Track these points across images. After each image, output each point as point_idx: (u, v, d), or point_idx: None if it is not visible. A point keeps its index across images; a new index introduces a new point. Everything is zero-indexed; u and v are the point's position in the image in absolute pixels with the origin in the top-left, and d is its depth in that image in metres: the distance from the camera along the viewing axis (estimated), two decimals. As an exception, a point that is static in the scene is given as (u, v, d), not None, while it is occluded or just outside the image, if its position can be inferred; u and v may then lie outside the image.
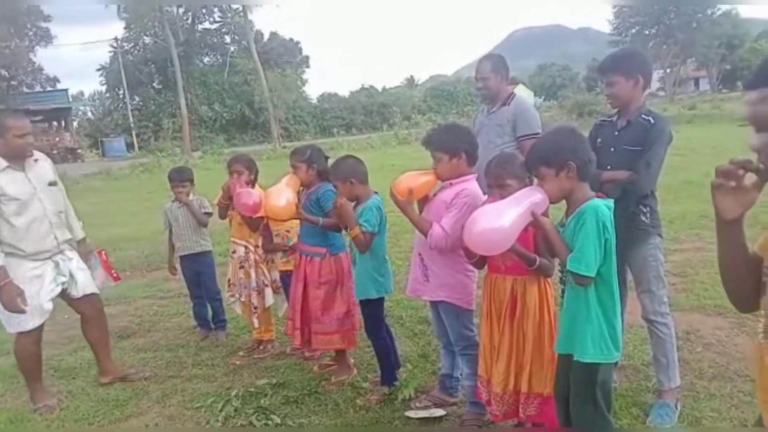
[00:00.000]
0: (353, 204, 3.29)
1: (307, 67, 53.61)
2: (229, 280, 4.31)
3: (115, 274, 4.03)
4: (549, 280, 2.58)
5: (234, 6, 43.20)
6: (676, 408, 2.93)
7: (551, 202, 2.20)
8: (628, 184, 2.77)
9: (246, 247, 4.15)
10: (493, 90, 3.85)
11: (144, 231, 9.67)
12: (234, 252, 4.23)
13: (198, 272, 4.65)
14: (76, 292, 3.64)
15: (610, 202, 2.20)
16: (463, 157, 2.84)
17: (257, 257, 4.16)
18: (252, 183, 4.13)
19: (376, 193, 3.35)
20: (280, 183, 3.51)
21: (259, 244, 4.18)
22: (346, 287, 3.54)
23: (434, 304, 3.09)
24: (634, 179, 2.78)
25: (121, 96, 42.79)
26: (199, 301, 4.73)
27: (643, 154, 2.80)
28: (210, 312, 4.72)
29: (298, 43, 53.00)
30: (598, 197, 2.20)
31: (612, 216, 2.17)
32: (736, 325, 3.97)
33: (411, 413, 3.11)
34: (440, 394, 3.25)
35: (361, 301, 3.41)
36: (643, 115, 2.88)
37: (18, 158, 3.38)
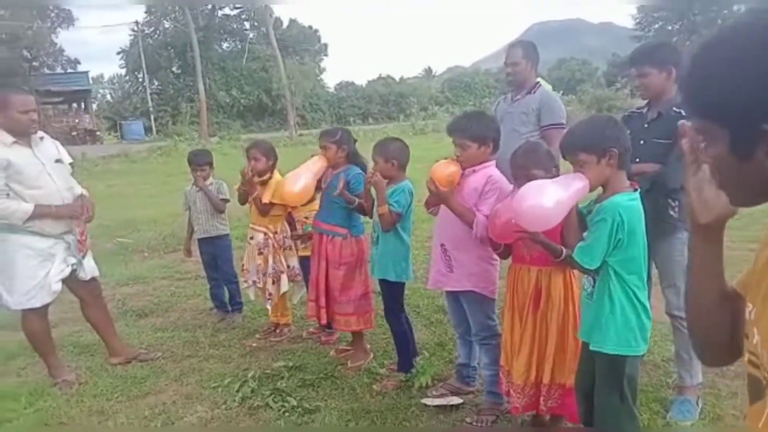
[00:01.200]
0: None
1: (326, 55, 53.43)
2: (242, 266, 4.32)
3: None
4: (574, 271, 2.55)
5: (255, -8, 43.17)
6: (698, 405, 2.90)
7: (589, 190, 2.18)
8: (658, 177, 2.72)
9: (265, 234, 4.16)
10: (522, 76, 3.81)
11: (162, 213, 9.75)
12: (252, 238, 4.24)
13: (215, 255, 4.67)
14: (84, 275, 3.65)
15: (636, 195, 2.18)
16: (490, 146, 2.83)
17: (276, 244, 4.16)
18: (270, 170, 4.14)
19: None
20: (301, 167, 3.50)
21: (278, 230, 4.19)
22: (365, 269, 3.56)
23: (454, 294, 3.06)
24: (663, 172, 2.73)
25: (140, 80, 42.93)
26: (215, 283, 4.75)
27: (674, 147, 2.74)
28: (227, 294, 4.75)
29: (316, 31, 52.79)
30: (633, 186, 2.17)
31: (641, 210, 2.15)
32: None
33: (428, 400, 3.11)
34: (457, 383, 3.24)
35: (381, 283, 3.40)
36: (674, 108, 2.82)
37: (23, 135, 3.37)
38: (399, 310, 3.44)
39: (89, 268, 3.67)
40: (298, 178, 3.42)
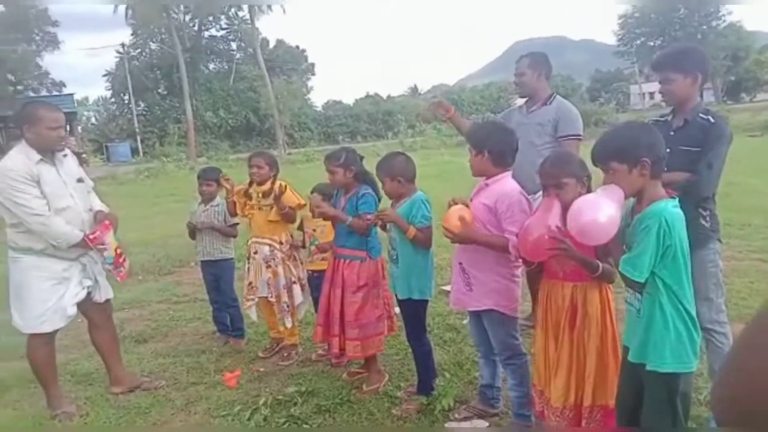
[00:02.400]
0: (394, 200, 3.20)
1: (313, 74, 53.64)
2: (249, 283, 4.13)
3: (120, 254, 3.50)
4: (610, 285, 2.43)
5: (240, 13, 43.37)
6: (735, 422, 2.77)
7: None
8: (689, 186, 2.62)
9: (270, 245, 4.03)
10: (528, 86, 3.76)
11: (153, 235, 9.56)
12: (256, 253, 4.09)
13: (218, 277, 4.50)
14: (99, 297, 3.52)
15: (676, 201, 2.08)
16: (486, 155, 2.74)
17: (283, 254, 4.04)
18: (272, 180, 4.05)
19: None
20: None
21: (283, 241, 4.08)
22: (382, 290, 3.43)
23: (476, 314, 2.94)
24: (694, 181, 2.64)
25: (126, 101, 42.78)
26: (217, 306, 4.57)
27: (703, 155, 2.66)
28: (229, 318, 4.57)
29: (303, 50, 53.03)
30: (669, 195, 2.07)
31: (683, 217, 2.05)
32: (781, 335, 3.81)
33: (452, 424, 2.96)
34: (481, 404, 3.10)
35: (403, 303, 3.26)
36: (700, 115, 2.74)
37: (48, 151, 3.26)
38: (422, 330, 3.31)
39: (104, 289, 3.53)
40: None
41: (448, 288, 4.72)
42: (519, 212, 2.63)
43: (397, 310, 3.78)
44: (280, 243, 4.07)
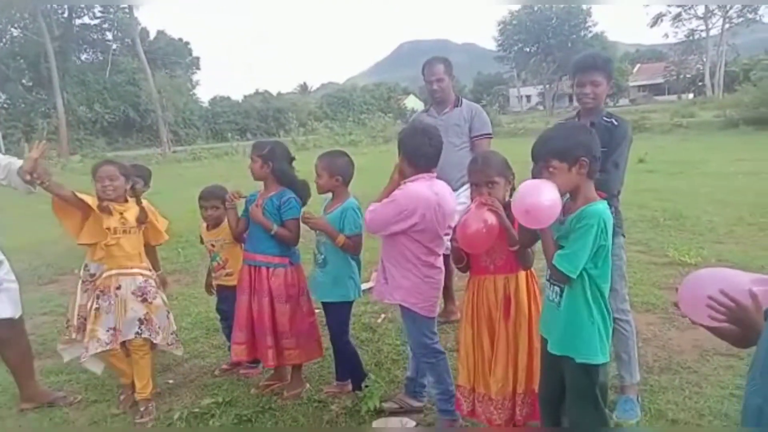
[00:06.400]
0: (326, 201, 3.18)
1: (198, 68, 51.46)
2: (115, 328, 3.19)
3: None
4: (535, 273, 2.55)
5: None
6: (638, 402, 3.02)
7: None
8: (598, 185, 2.80)
9: (143, 275, 3.25)
10: (446, 90, 3.85)
11: (25, 240, 8.68)
12: (119, 288, 3.18)
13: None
14: None
15: (606, 204, 2.20)
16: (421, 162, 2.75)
17: (156, 281, 3.37)
18: (132, 192, 3.37)
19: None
20: None
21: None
22: (307, 296, 3.36)
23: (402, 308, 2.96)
24: (603, 179, 2.82)
25: (-17, 93, 38.66)
26: None
27: (609, 155, 2.85)
28: None
29: (187, 43, 50.70)
30: (600, 197, 2.19)
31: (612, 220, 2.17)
32: (665, 320, 4.21)
33: (380, 423, 2.96)
34: (405, 397, 3.13)
35: (327, 305, 3.23)
36: (605, 118, 2.94)
37: None
38: (346, 329, 3.30)
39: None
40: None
41: (365, 286, 4.72)
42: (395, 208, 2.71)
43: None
44: (150, 270, 3.33)
